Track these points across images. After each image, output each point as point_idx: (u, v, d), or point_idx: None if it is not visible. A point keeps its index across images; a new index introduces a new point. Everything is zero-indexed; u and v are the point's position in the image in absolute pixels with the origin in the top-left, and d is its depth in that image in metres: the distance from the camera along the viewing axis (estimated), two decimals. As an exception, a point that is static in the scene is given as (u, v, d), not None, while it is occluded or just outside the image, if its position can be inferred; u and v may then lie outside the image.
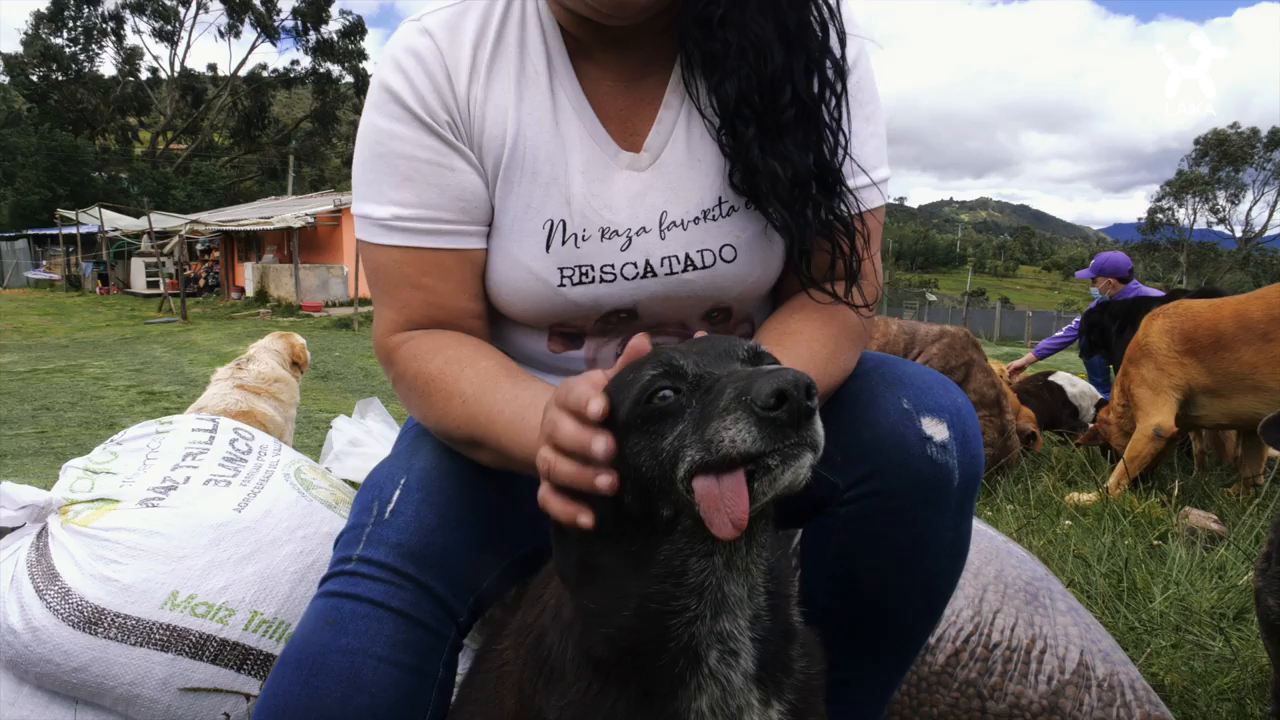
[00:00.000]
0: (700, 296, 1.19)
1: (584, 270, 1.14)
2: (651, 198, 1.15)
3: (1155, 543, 3.01)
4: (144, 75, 48.14)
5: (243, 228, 25.31)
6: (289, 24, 42.35)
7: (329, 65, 44.03)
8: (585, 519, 0.78)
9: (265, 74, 46.74)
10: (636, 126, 1.17)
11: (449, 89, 1.12)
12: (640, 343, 0.82)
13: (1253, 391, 3.56)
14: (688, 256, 1.16)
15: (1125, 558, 2.76)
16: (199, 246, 28.48)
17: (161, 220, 26.10)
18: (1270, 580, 1.30)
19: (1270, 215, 52.90)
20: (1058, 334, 6.69)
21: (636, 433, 0.77)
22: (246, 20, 41.69)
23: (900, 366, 1.20)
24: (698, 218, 1.15)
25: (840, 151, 1.12)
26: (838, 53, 1.11)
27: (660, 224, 1.15)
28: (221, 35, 42.57)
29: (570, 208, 1.13)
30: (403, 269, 1.14)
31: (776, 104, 1.08)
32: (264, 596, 1.45)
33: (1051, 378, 5.54)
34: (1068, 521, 3.23)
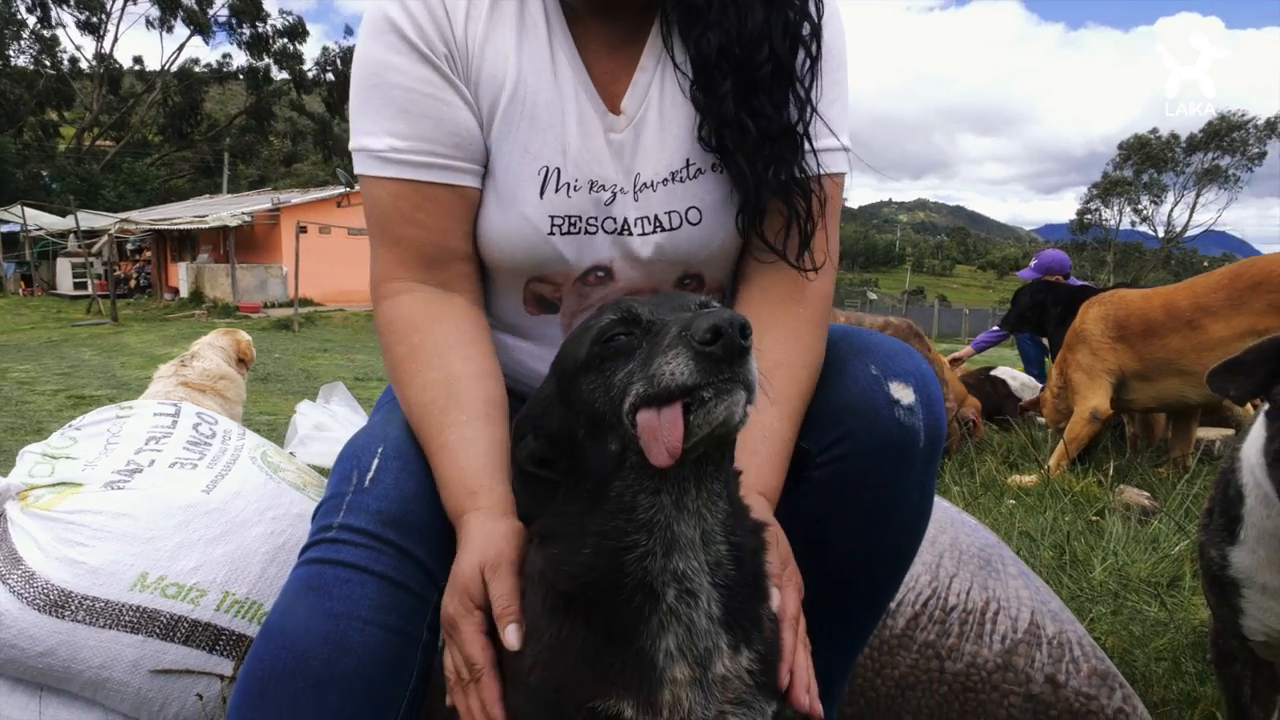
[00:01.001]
0: (669, 260, 1.22)
1: (572, 220, 1.16)
2: (627, 159, 1.18)
3: (1093, 518, 3.15)
4: (65, 67, 46.26)
5: (176, 227, 24.58)
6: (223, 15, 41.09)
7: (266, 60, 42.84)
8: None
9: (198, 69, 45.32)
10: (616, 90, 1.19)
11: (447, 23, 1.12)
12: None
13: (1178, 376, 3.74)
14: (656, 218, 1.18)
15: (1066, 533, 2.89)
16: (129, 246, 27.54)
17: (89, 219, 25.15)
18: (1211, 533, 1.38)
19: (1190, 216, 55.28)
20: (993, 329, 6.91)
21: (593, 371, 0.83)
22: (178, 15, 40.32)
23: (866, 336, 1.25)
24: (666, 179, 1.18)
25: (809, 110, 1.15)
26: (815, 16, 1.15)
27: (634, 185, 1.18)
28: (151, 26, 41.09)
29: (566, 156, 1.15)
30: (398, 204, 1.15)
31: (754, 60, 1.11)
32: (235, 577, 1.43)
33: (994, 372, 5.72)
34: (1011, 501, 3.36)
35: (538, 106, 1.15)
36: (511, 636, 0.89)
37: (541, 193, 1.15)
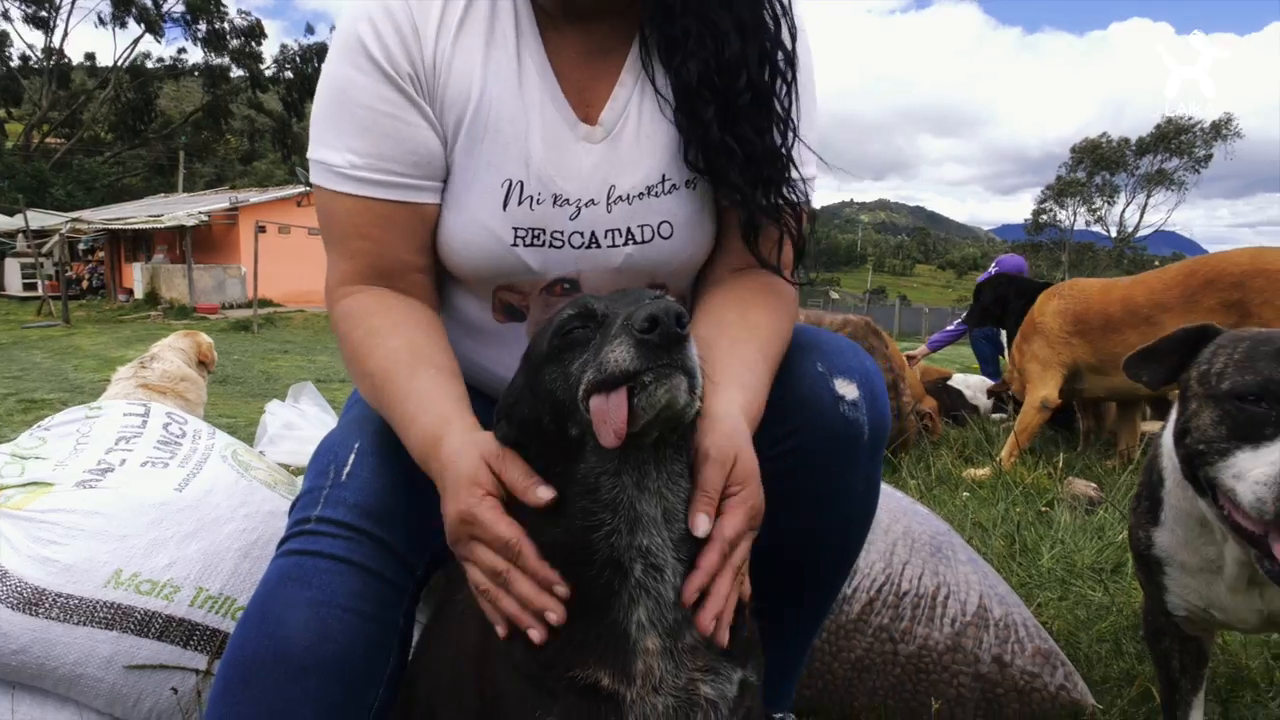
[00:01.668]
0: (638, 270, 1.27)
1: (535, 233, 1.20)
2: (603, 171, 1.21)
3: (1043, 509, 3.27)
4: (15, 64, 44.96)
5: (130, 226, 24.06)
6: (178, 12, 40.13)
7: (224, 58, 41.95)
8: (539, 634, 0.90)
9: (151, 65, 44.29)
10: (591, 98, 1.22)
11: (415, 43, 1.15)
12: None
13: (1133, 369, 3.89)
14: (629, 230, 1.23)
15: (1017, 523, 3.00)
16: (82, 246, 26.88)
17: (39, 218, 24.51)
18: (1139, 516, 1.47)
19: (1141, 216, 56.72)
20: (948, 328, 7.08)
21: (554, 362, 0.90)
22: (131, 11, 39.33)
23: (814, 334, 1.31)
24: (642, 193, 1.22)
25: (791, 135, 1.20)
26: (789, 44, 1.20)
27: (608, 198, 1.21)
28: (102, 23, 40.08)
29: (528, 169, 1.18)
30: (353, 218, 1.18)
31: (732, 88, 1.16)
32: (209, 573, 1.46)
33: (950, 382, 5.88)
34: (965, 493, 3.47)
35: (501, 120, 1.18)
36: (545, 493, 0.90)
37: (505, 205, 1.18)
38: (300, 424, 2.01)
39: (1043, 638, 1.75)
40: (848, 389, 1.23)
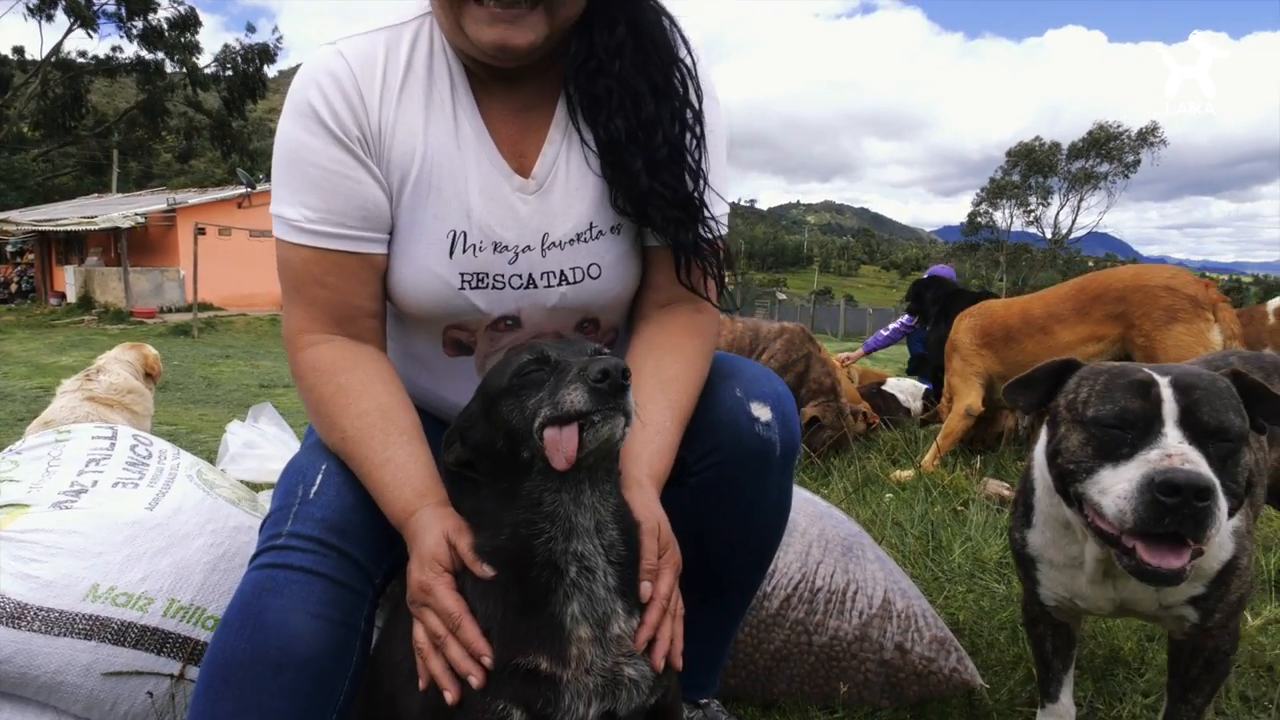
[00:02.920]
0: (572, 308, 1.43)
1: (480, 276, 1.35)
2: (537, 220, 1.35)
3: (958, 508, 3.52)
4: (-66, 56, 43.08)
5: (62, 228, 23.31)
6: (110, 8, 38.83)
7: (159, 53, 40.71)
8: (452, 696, 1.08)
9: (83, 60, 42.84)
10: (524, 150, 1.36)
11: (362, 109, 1.27)
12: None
13: (1035, 376, 4.20)
14: (562, 272, 1.38)
15: (933, 521, 3.24)
16: (9, 248, 25.98)
17: (-37, 219, 23.62)
18: (1016, 519, 1.69)
19: (1075, 218, 58.71)
20: (883, 332, 7.40)
21: (511, 397, 1.09)
22: (59, 3, 37.97)
23: (733, 362, 1.50)
24: (573, 239, 1.37)
25: (701, 183, 1.38)
26: (695, 103, 1.37)
27: (543, 244, 1.36)
28: (31, 14, 38.62)
29: (470, 221, 1.32)
30: (310, 268, 1.31)
31: (651, 143, 1.32)
32: (180, 585, 1.58)
33: (884, 387, 6.17)
34: (889, 495, 3.71)
35: (443, 178, 1.32)
36: (487, 570, 1.10)
37: (451, 253, 1.33)
38: (260, 443, 2.13)
39: (939, 627, 1.96)
40: (762, 412, 1.41)
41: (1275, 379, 1.89)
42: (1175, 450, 1.22)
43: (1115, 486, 1.26)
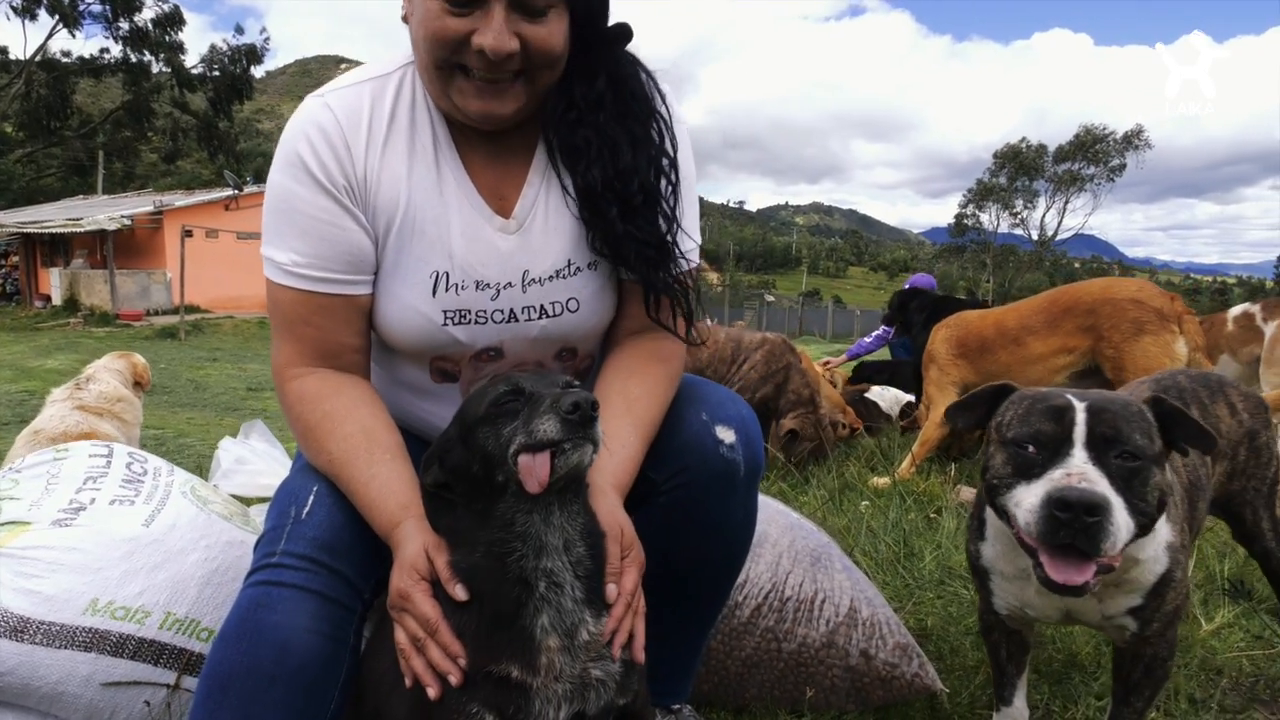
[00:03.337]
0: (552, 339, 1.52)
1: (463, 313, 1.43)
2: (517, 258, 1.44)
3: (932, 515, 3.62)
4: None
5: (47, 230, 23.21)
6: (96, 9, 38.59)
7: (145, 54, 40.49)
8: (434, 691, 1.17)
9: (68, 60, 42.56)
10: (504, 192, 1.45)
11: (349, 159, 1.35)
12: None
13: (1008, 386, 4.32)
14: (542, 307, 1.47)
15: (906, 529, 3.34)
16: (-7, 250, 25.84)
17: (-53, 221, 23.48)
18: (971, 533, 1.78)
19: (1060, 220, 59.20)
20: (865, 339, 7.53)
21: (488, 424, 1.17)
22: (42, 3, 37.71)
23: (700, 387, 1.59)
24: (552, 276, 1.46)
25: (675, 227, 1.47)
26: (671, 151, 1.46)
27: (523, 280, 1.44)
28: (15, 13, 38.35)
29: (452, 262, 1.41)
30: (297, 308, 1.39)
31: (628, 191, 1.40)
32: (176, 599, 1.66)
33: (867, 394, 6.29)
34: (865, 502, 3.81)
35: (426, 222, 1.40)
36: (461, 592, 1.18)
37: (434, 292, 1.41)
38: (251, 459, 2.20)
39: (903, 634, 2.05)
40: (727, 434, 1.50)
41: (1217, 398, 2.00)
42: (1076, 470, 1.33)
43: (1025, 501, 1.38)
